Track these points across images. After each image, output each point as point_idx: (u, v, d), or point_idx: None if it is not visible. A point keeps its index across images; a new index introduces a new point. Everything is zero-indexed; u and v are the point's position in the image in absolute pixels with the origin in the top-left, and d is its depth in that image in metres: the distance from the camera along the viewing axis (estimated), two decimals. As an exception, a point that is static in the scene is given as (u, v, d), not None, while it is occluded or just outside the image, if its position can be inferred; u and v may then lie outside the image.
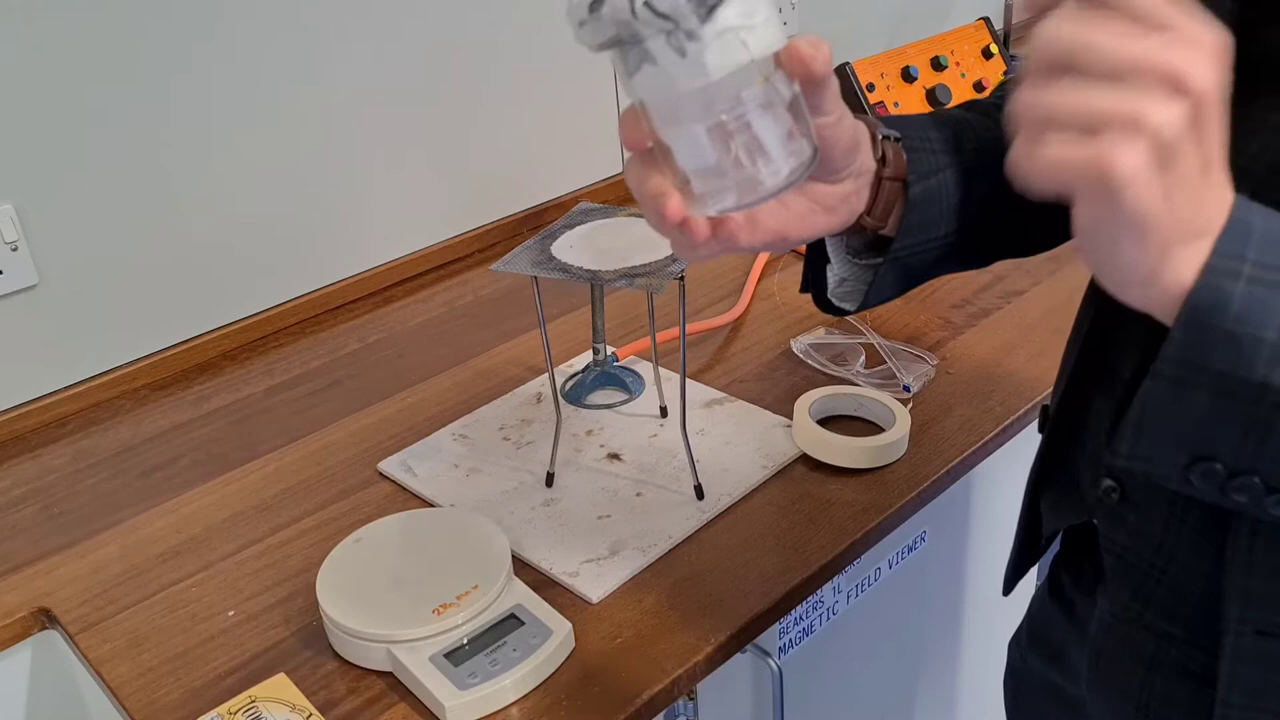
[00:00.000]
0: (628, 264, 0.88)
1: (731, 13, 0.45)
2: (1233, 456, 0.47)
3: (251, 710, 0.75)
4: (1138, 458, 0.49)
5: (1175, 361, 0.46)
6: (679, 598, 0.83)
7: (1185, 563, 0.60)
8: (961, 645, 1.25)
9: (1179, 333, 0.45)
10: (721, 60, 0.46)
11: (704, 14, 0.45)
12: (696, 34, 0.45)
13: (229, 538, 0.94)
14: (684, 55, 0.46)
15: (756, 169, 0.49)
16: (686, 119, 0.48)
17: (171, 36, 1.11)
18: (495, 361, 1.17)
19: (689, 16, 0.44)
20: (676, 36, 0.45)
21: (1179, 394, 0.46)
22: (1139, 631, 0.65)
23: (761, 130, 0.48)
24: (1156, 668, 0.64)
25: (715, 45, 0.45)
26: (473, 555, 0.82)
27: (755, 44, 0.46)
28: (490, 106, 1.39)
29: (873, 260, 0.68)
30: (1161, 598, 0.62)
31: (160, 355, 1.20)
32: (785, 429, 1.00)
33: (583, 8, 0.46)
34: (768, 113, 0.48)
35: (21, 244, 1.07)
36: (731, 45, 0.46)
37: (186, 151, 1.16)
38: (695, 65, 0.46)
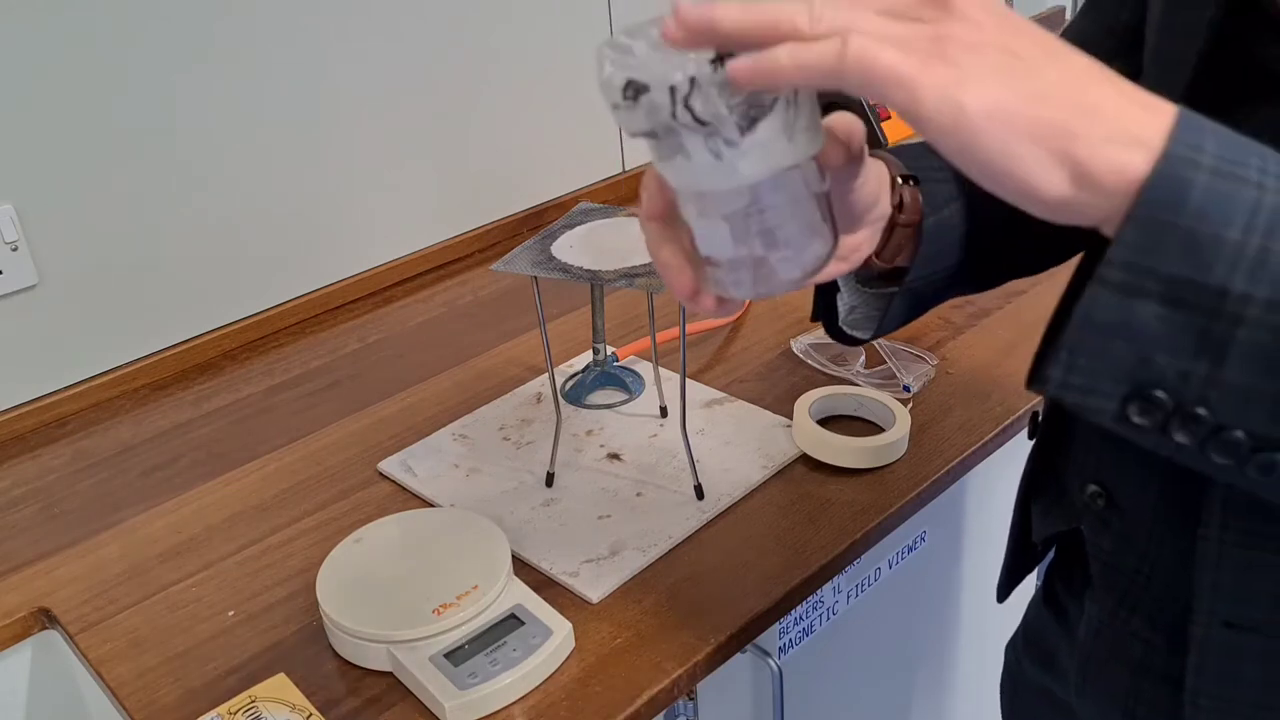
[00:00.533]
0: (628, 264, 0.88)
1: (774, 125, 0.44)
2: (1180, 381, 0.40)
3: (251, 710, 0.75)
4: (1071, 386, 0.42)
5: (1123, 265, 0.39)
6: (679, 598, 0.83)
7: (1169, 570, 0.60)
8: (961, 645, 1.25)
9: (1129, 231, 0.39)
10: (756, 168, 0.45)
11: (745, 125, 0.44)
12: (735, 142, 0.44)
13: (229, 538, 0.94)
14: (719, 159, 0.45)
15: (775, 264, 0.49)
16: (712, 212, 0.48)
17: (172, 37, 1.11)
18: (495, 361, 1.17)
19: (730, 126, 0.44)
20: (714, 141, 0.44)
21: (1123, 303, 0.40)
22: (1126, 638, 0.65)
23: (784, 228, 0.48)
24: (1143, 674, 0.64)
25: (752, 154, 0.45)
26: (473, 555, 0.82)
27: (793, 152, 0.45)
28: (490, 107, 1.39)
29: (884, 289, 0.68)
30: (1146, 605, 0.63)
31: (160, 355, 1.20)
32: (785, 429, 1.00)
33: (616, 91, 0.44)
34: (794, 210, 0.48)
35: (21, 244, 1.07)
36: (769, 154, 0.45)
37: (186, 152, 1.16)
38: (730, 169, 0.45)
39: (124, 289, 1.16)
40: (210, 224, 1.20)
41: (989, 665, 1.32)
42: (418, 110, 1.33)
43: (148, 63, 1.10)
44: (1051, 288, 1.21)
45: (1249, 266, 0.38)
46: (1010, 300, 1.19)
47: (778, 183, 0.46)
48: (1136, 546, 0.62)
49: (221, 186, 1.19)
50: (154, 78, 1.11)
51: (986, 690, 1.34)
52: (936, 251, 0.64)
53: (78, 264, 1.12)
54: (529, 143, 1.45)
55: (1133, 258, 0.39)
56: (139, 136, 1.12)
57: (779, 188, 0.47)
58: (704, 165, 0.45)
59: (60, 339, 1.13)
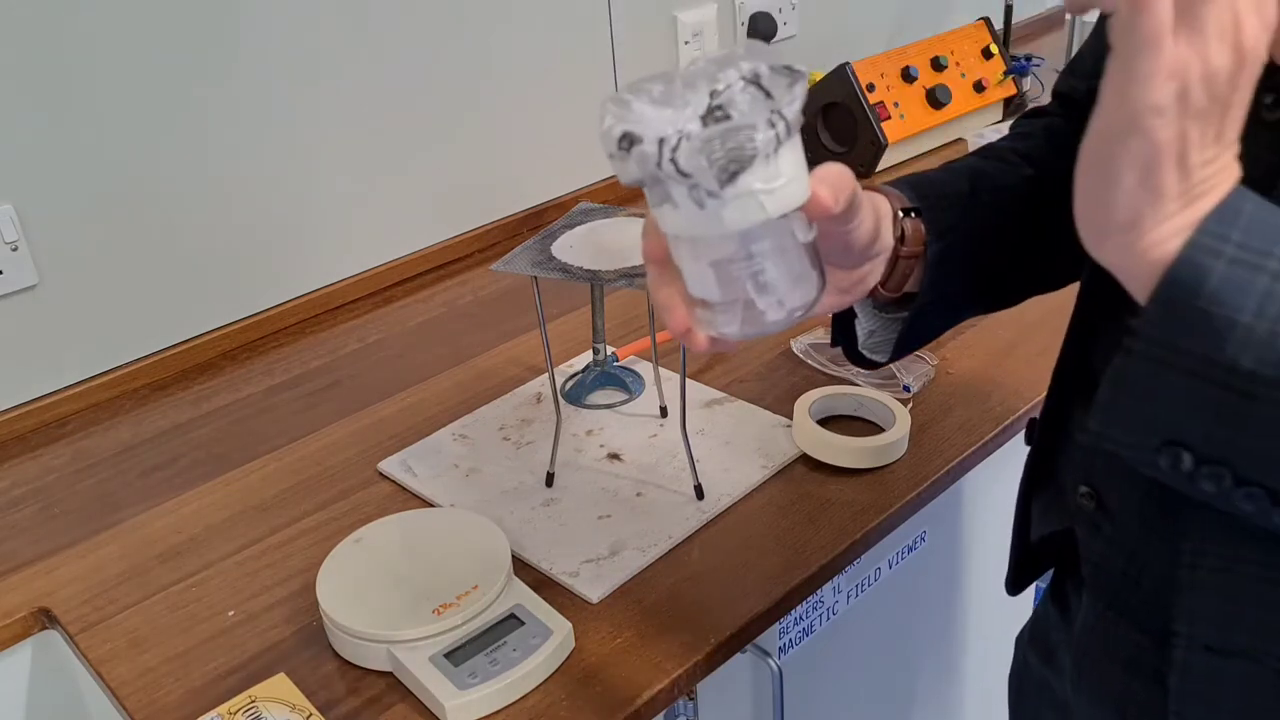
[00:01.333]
0: (628, 264, 0.88)
1: (753, 178, 0.47)
2: (1203, 442, 0.46)
3: (251, 710, 0.75)
4: (1108, 438, 0.48)
5: (1147, 338, 0.45)
6: (679, 598, 0.83)
7: (1157, 576, 0.60)
8: (961, 645, 1.25)
9: (1152, 308, 0.45)
10: (737, 218, 0.48)
11: (725, 179, 0.47)
12: (716, 193, 0.47)
13: (229, 538, 0.94)
14: (703, 208, 0.48)
15: (762, 307, 0.52)
16: (701, 257, 0.51)
17: (171, 37, 1.11)
18: (495, 361, 1.17)
19: (709, 178, 0.47)
20: (698, 191, 0.47)
21: (1150, 372, 0.46)
22: (1117, 638, 0.65)
23: (770, 274, 0.51)
24: (1134, 673, 0.64)
25: (733, 204, 0.47)
26: (473, 555, 0.82)
27: (773, 205, 0.48)
28: (491, 107, 1.39)
29: (898, 314, 0.69)
30: (1135, 609, 0.63)
31: (160, 355, 1.20)
32: (785, 429, 1.00)
33: (613, 142, 0.48)
34: (780, 258, 0.50)
35: (21, 244, 1.07)
36: (749, 206, 0.48)
37: (186, 152, 1.16)
38: (713, 218, 0.48)
39: (124, 289, 1.16)
40: (210, 224, 1.20)
41: (989, 664, 1.32)
42: (418, 110, 1.33)
43: (148, 63, 1.10)
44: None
45: (1259, 347, 0.43)
46: (1010, 300, 1.19)
47: (761, 232, 0.49)
48: (1124, 550, 0.62)
49: (222, 187, 1.19)
50: (154, 78, 1.11)
51: (986, 690, 1.34)
52: (943, 277, 0.66)
53: (78, 264, 1.12)
54: (529, 143, 1.45)
55: (1155, 333, 0.45)
56: (139, 137, 1.12)
57: (763, 237, 0.49)
58: (689, 213, 0.48)
59: (60, 339, 1.13)
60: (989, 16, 1.70)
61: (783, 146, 0.47)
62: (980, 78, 1.64)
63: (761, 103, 0.47)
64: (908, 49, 1.60)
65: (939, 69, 1.60)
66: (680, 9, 1.56)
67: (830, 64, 1.56)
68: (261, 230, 1.24)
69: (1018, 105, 1.71)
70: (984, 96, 1.64)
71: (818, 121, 1.59)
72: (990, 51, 1.66)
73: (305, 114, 1.23)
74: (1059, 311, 1.15)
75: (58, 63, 1.05)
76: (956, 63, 1.63)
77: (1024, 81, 1.71)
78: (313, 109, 1.24)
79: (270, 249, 1.25)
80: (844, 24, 1.81)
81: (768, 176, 0.47)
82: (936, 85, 1.58)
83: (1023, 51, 1.92)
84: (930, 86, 1.58)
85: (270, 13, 1.17)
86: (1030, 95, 1.76)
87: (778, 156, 0.47)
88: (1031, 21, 2.15)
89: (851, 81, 1.52)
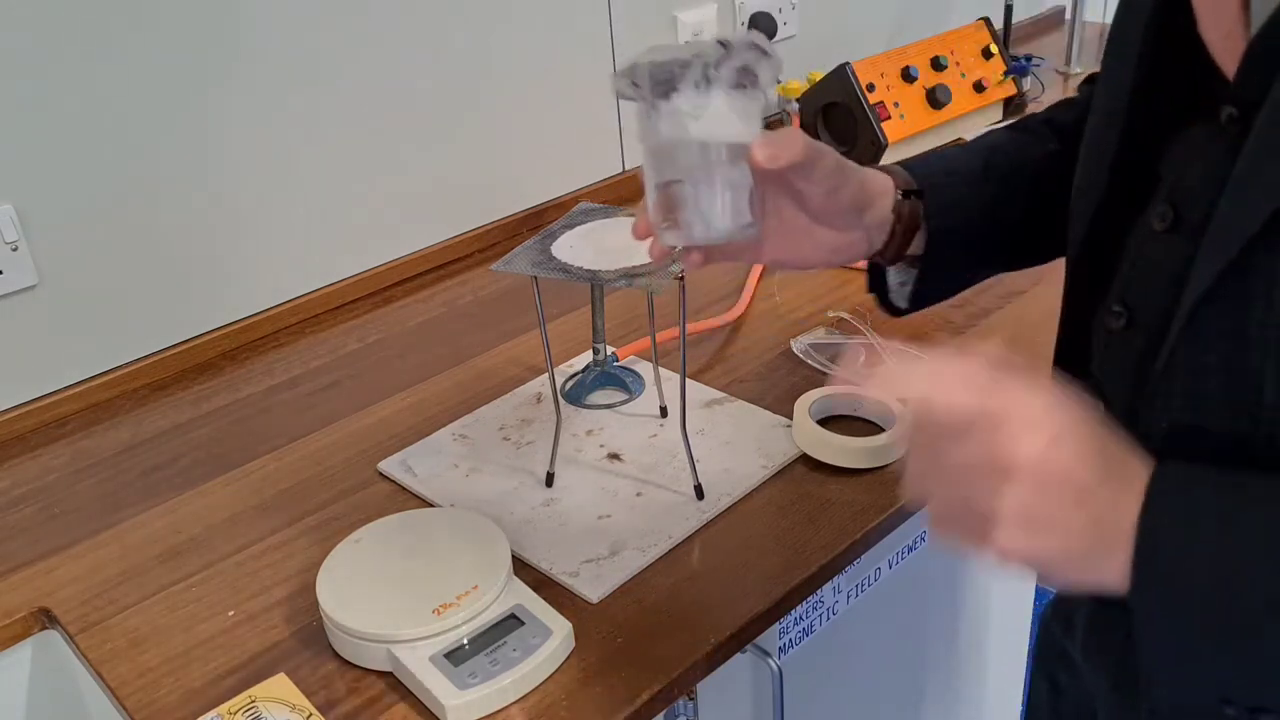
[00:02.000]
0: (628, 264, 0.88)
1: (681, 100, 0.62)
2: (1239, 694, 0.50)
3: (251, 710, 0.75)
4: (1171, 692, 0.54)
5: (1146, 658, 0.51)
6: (679, 598, 0.83)
7: None
8: (961, 645, 1.25)
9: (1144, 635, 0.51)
10: (668, 130, 0.63)
11: (661, 94, 0.63)
12: (655, 106, 0.63)
13: (229, 538, 0.94)
14: (648, 120, 0.64)
15: (688, 219, 0.65)
16: (648, 169, 0.66)
17: (172, 37, 1.11)
18: (495, 361, 1.17)
19: (648, 94, 0.63)
20: (645, 105, 0.64)
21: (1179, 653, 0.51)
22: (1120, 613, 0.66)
23: (693, 192, 0.65)
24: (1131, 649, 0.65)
25: (667, 120, 0.63)
26: (473, 555, 0.82)
27: (696, 129, 0.62)
28: (491, 107, 1.39)
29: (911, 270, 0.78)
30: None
31: (160, 355, 1.19)
32: (785, 429, 1.00)
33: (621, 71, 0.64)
34: (707, 183, 0.64)
35: (21, 244, 1.07)
36: (678, 123, 0.63)
37: (186, 152, 1.16)
38: (653, 129, 0.64)
39: (124, 289, 1.16)
40: (210, 224, 1.20)
41: (989, 664, 1.32)
42: (418, 110, 1.33)
43: (148, 63, 1.10)
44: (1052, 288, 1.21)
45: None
46: (1010, 300, 1.19)
47: (689, 152, 0.64)
48: None
49: (222, 186, 1.19)
50: (154, 78, 1.11)
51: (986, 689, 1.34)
52: (942, 249, 0.74)
53: (78, 264, 1.12)
54: (529, 143, 1.45)
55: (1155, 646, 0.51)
56: (139, 137, 1.12)
57: (689, 156, 0.64)
58: (642, 126, 0.65)
59: (60, 339, 1.13)
60: (989, 16, 1.70)
61: (714, 88, 0.62)
62: (980, 78, 1.64)
63: (716, 55, 0.62)
64: (908, 49, 1.60)
65: (939, 69, 1.60)
66: (680, 9, 1.56)
67: (830, 64, 1.56)
68: (262, 230, 1.24)
69: (1018, 105, 1.71)
70: (984, 96, 1.64)
71: (817, 121, 1.59)
72: (990, 51, 1.66)
73: (305, 114, 1.23)
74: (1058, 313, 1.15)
75: (58, 62, 1.05)
76: (956, 63, 1.63)
77: (1024, 81, 1.71)
78: (313, 109, 1.24)
79: (270, 249, 1.25)
80: (844, 24, 1.81)
81: (696, 105, 0.62)
82: (936, 85, 1.58)
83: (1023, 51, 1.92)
84: (930, 86, 1.58)
85: (271, 13, 1.17)
86: (1030, 95, 1.76)
87: (708, 94, 0.62)
88: (1031, 21, 2.15)
89: (851, 81, 1.52)
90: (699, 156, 0.64)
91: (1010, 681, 1.39)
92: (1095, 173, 0.62)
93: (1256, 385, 0.50)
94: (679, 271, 0.87)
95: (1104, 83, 0.61)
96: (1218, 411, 0.53)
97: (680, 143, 0.63)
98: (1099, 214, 0.62)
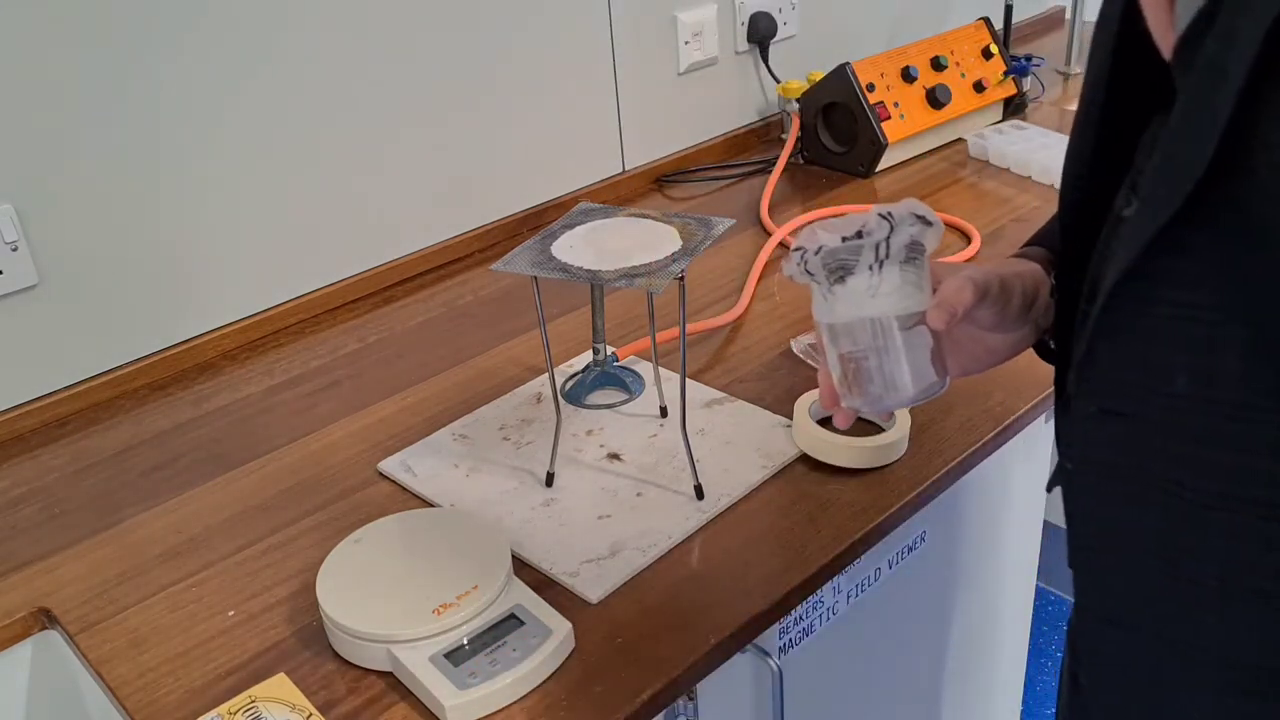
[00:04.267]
0: (628, 264, 0.88)
1: (858, 283, 0.65)
2: None
3: (251, 710, 0.75)
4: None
5: None
6: (679, 598, 0.83)
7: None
8: (961, 645, 1.25)
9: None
10: (845, 312, 0.66)
11: (835, 279, 0.66)
12: (831, 291, 0.66)
13: (229, 538, 0.94)
14: (826, 301, 0.67)
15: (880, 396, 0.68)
16: (828, 342, 0.69)
17: (171, 35, 1.11)
18: (495, 361, 1.17)
19: (824, 280, 0.66)
20: (822, 289, 0.67)
21: None
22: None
23: (875, 363, 0.67)
24: None
25: (844, 300, 0.66)
26: (473, 555, 0.82)
27: (871, 307, 0.65)
28: (490, 107, 1.39)
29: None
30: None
31: (160, 355, 1.20)
32: (785, 429, 1.00)
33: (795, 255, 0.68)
34: (886, 352, 0.66)
35: (21, 244, 1.07)
36: (857, 303, 0.65)
37: (186, 151, 1.16)
38: (829, 309, 0.67)
39: (124, 289, 1.16)
40: (210, 224, 1.20)
41: (988, 665, 1.32)
42: (418, 109, 1.33)
43: (148, 62, 1.10)
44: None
45: None
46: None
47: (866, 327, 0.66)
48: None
49: (222, 186, 1.19)
50: (154, 77, 1.11)
51: (987, 689, 1.34)
52: None
53: (78, 264, 1.12)
54: (529, 143, 1.45)
55: None
56: (139, 136, 1.12)
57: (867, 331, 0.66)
58: (819, 306, 0.68)
59: (60, 339, 1.13)
60: (989, 16, 1.70)
61: (887, 266, 0.64)
62: (980, 78, 1.64)
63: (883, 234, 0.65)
64: (908, 49, 1.60)
65: (939, 69, 1.60)
66: (680, 9, 1.56)
67: (830, 64, 1.56)
68: (261, 230, 1.24)
69: (1018, 105, 1.71)
70: (984, 96, 1.64)
71: (817, 121, 1.59)
72: (990, 51, 1.66)
73: (304, 114, 1.23)
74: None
75: (58, 62, 1.05)
76: (956, 63, 1.63)
77: (1024, 81, 1.71)
78: (312, 108, 1.24)
79: (270, 249, 1.25)
80: (844, 24, 1.81)
81: (871, 285, 0.65)
82: (936, 85, 1.58)
83: (1023, 51, 1.92)
84: (930, 86, 1.58)
85: (271, 14, 1.17)
86: (1030, 95, 1.76)
87: (882, 272, 0.65)
88: (1031, 21, 2.15)
89: (851, 81, 1.52)
90: (880, 332, 0.66)
91: (1011, 681, 1.39)
92: (1079, 162, 0.63)
93: (1168, 377, 0.51)
94: (679, 271, 0.87)
95: (1086, 76, 0.63)
96: (1135, 398, 0.54)
97: (859, 320, 0.66)
98: (1084, 202, 0.63)
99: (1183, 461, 0.52)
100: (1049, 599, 2.03)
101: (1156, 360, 0.52)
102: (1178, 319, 0.50)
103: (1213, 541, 0.52)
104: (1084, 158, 0.62)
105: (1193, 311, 0.49)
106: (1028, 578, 1.32)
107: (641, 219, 0.96)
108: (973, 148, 1.60)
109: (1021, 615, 1.35)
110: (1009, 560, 1.25)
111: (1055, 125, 1.67)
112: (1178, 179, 0.47)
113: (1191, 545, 0.53)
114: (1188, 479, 0.52)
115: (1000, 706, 1.39)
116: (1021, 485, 1.21)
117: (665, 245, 0.90)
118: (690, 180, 1.61)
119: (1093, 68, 0.61)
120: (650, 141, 1.59)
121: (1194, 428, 0.51)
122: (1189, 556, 0.54)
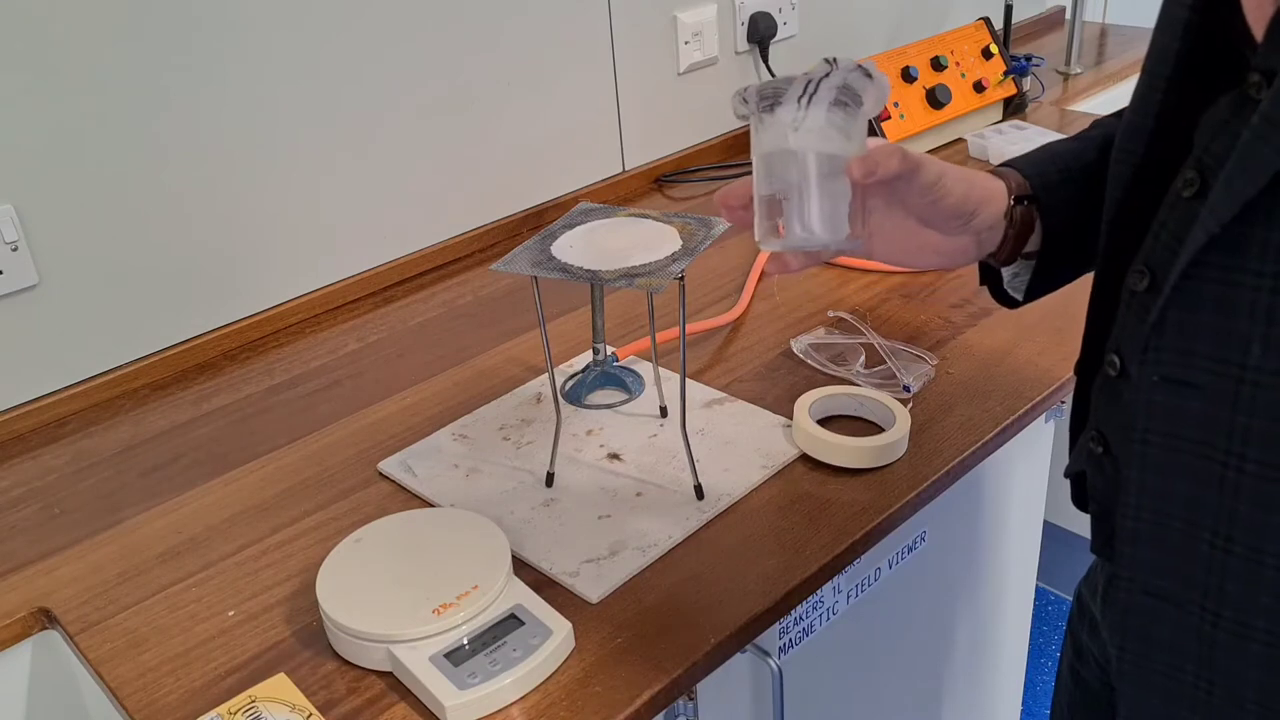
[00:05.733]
0: (628, 264, 0.88)
1: (785, 113, 0.67)
2: None
3: (251, 710, 0.75)
4: None
5: None
6: (679, 598, 0.83)
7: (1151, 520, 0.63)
8: (961, 645, 1.25)
9: None
10: (769, 141, 0.68)
11: (766, 108, 0.68)
12: (762, 120, 0.68)
13: (229, 538, 0.94)
14: (756, 132, 0.69)
15: (789, 225, 0.69)
16: (758, 175, 0.69)
17: (171, 35, 1.11)
18: (495, 361, 1.17)
19: (755, 108, 0.68)
20: (754, 119, 0.69)
21: None
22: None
23: (796, 201, 0.68)
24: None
25: (770, 130, 0.68)
26: (473, 555, 0.82)
27: (795, 140, 0.67)
28: (491, 107, 1.39)
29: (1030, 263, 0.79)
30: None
31: (160, 355, 1.20)
32: (785, 429, 1.00)
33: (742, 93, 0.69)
34: (806, 191, 0.68)
35: (21, 244, 1.07)
36: (779, 135, 0.67)
37: (186, 151, 1.16)
38: (760, 139, 0.69)
39: (124, 289, 1.16)
40: (210, 224, 1.20)
41: (988, 665, 1.32)
42: (418, 110, 1.33)
43: (148, 62, 1.10)
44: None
45: None
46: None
47: (790, 160, 0.67)
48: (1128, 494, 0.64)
49: (221, 186, 1.19)
50: (154, 77, 1.11)
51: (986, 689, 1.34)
52: (1059, 245, 0.76)
53: (78, 264, 1.12)
54: (529, 143, 1.45)
55: None
56: (139, 136, 1.12)
57: (790, 165, 0.67)
58: (753, 137, 0.69)
59: (60, 339, 1.13)
60: (989, 16, 1.70)
61: (815, 102, 0.66)
62: (980, 78, 1.64)
63: (822, 73, 0.66)
64: (908, 49, 1.60)
65: (939, 69, 1.60)
66: (680, 9, 1.56)
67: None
68: (261, 229, 1.24)
69: (1018, 105, 1.71)
70: (984, 96, 1.64)
71: (818, 121, 1.59)
72: (990, 51, 1.66)
73: (304, 114, 1.23)
74: (1059, 311, 1.15)
75: (58, 61, 1.05)
76: (956, 63, 1.63)
77: (1024, 81, 1.71)
78: (312, 109, 1.24)
79: (270, 249, 1.25)
80: (844, 24, 1.81)
81: (796, 119, 0.66)
82: (936, 85, 1.58)
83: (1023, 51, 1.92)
84: (930, 86, 1.58)
85: (271, 14, 1.17)
86: (1030, 95, 1.76)
87: (809, 109, 0.66)
88: (1031, 21, 2.15)
89: (851, 81, 1.51)
90: (799, 167, 0.68)
91: (1010, 681, 1.39)
92: (1135, 138, 0.63)
93: (1243, 347, 0.51)
94: (679, 271, 0.87)
95: (1151, 48, 0.62)
96: (1205, 369, 0.54)
97: (781, 153, 0.68)
98: (1136, 178, 0.63)
99: (1249, 434, 0.52)
100: (1049, 599, 2.03)
101: (1232, 331, 0.52)
102: (1259, 289, 0.50)
103: (1274, 517, 0.52)
104: (1142, 134, 0.62)
105: (1275, 282, 0.49)
106: (1028, 578, 1.32)
107: (641, 219, 0.96)
108: (973, 148, 1.60)
109: (1021, 615, 1.35)
110: (1009, 560, 1.25)
111: (1055, 125, 1.68)
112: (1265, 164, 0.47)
113: (1254, 519, 0.54)
114: (1252, 452, 0.52)
115: (1000, 706, 1.39)
116: (1021, 485, 1.21)
117: (665, 245, 0.90)
118: (690, 180, 1.61)
119: (1159, 44, 0.61)
120: (650, 141, 1.60)
121: (1263, 400, 0.51)
122: (1247, 530, 0.54)
